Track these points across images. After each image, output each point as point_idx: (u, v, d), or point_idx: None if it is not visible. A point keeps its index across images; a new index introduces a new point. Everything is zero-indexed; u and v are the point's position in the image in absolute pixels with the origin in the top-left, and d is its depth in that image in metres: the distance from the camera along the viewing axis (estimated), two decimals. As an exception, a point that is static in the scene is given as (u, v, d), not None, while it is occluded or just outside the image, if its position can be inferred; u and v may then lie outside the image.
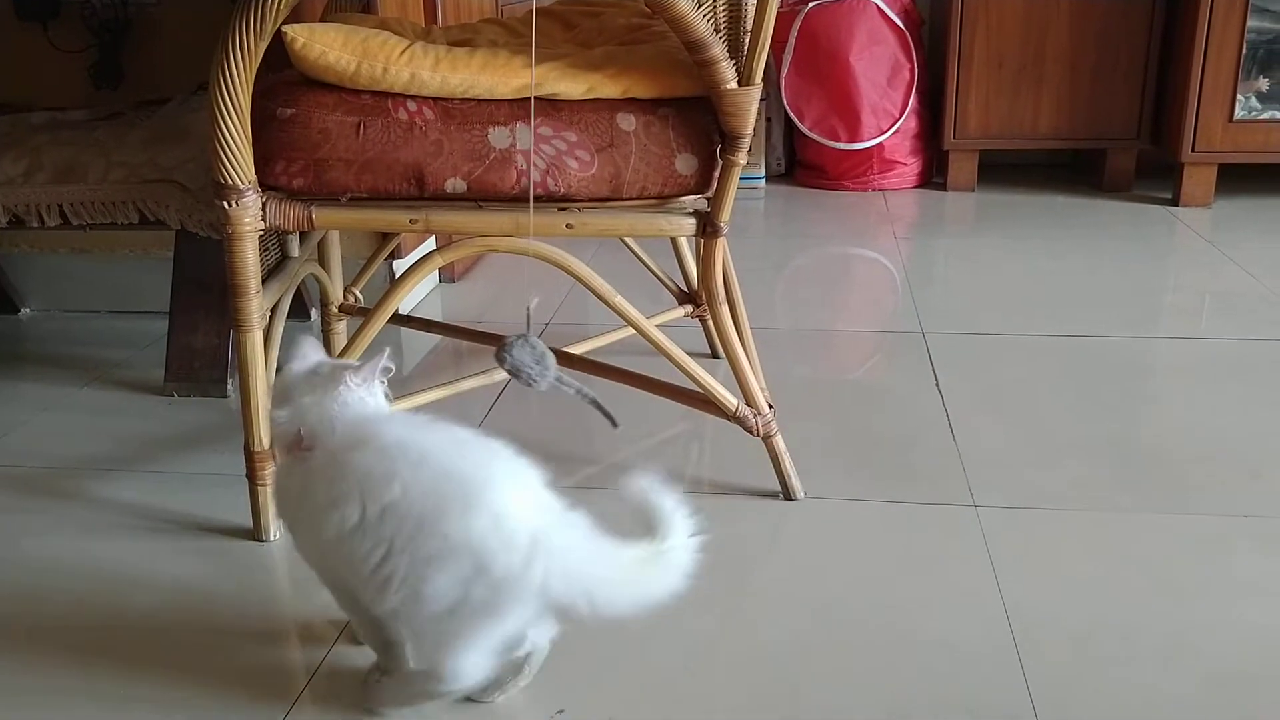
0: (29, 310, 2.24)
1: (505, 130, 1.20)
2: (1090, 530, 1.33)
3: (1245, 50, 2.66)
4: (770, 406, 1.39)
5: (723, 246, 1.32)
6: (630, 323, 1.33)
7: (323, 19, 1.55)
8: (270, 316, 1.42)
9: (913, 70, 2.99)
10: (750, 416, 1.37)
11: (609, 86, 1.21)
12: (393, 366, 1.04)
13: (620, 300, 1.31)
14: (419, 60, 1.19)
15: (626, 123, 1.22)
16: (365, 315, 1.32)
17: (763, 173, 3.15)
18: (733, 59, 1.20)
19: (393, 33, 1.26)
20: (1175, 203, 2.85)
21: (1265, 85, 2.70)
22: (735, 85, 1.20)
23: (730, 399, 1.37)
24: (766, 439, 1.39)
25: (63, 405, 1.77)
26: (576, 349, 1.58)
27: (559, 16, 1.56)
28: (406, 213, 1.24)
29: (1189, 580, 1.23)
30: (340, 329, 1.79)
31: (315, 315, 2.08)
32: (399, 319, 1.76)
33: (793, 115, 3.06)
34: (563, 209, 1.24)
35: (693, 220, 1.27)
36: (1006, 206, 2.90)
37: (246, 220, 1.21)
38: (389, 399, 1.06)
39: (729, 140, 1.23)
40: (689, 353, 1.36)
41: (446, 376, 1.61)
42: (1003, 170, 3.17)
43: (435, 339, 2.00)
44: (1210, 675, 1.07)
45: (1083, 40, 2.88)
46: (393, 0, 2.01)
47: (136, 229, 1.75)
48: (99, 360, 1.96)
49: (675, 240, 1.78)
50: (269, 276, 1.45)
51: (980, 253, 2.50)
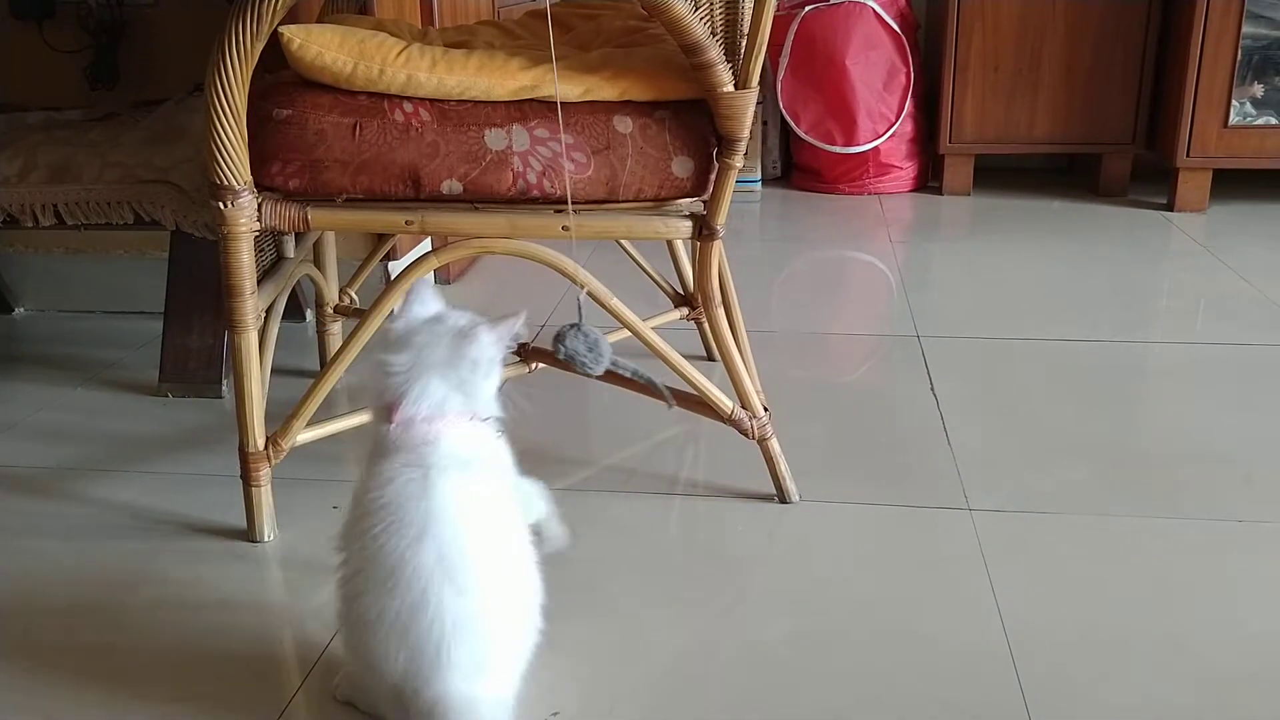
0: (23, 310, 2.23)
1: (501, 132, 1.20)
2: (1084, 534, 1.33)
3: (1240, 56, 2.67)
4: (765, 409, 1.39)
5: (719, 249, 1.32)
6: (626, 325, 1.33)
7: (319, 20, 1.55)
8: (265, 317, 1.42)
9: (909, 74, 2.99)
10: (745, 419, 1.38)
11: (606, 89, 1.22)
12: (524, 332, 0.99)
13: (616, 302, 1.31)
14: (415, 62, 1.19)
15: (623, 125, 1.22)
16: (360, 317, 1.31)
17: (759, 176, 3.15)
18: (729, 62, 1.20)
19: (389, 34, 1.26)
20: (1170, 208, 2.85)
21: (1260, 91, 2.71)
22: (732, 88, 1.20)
23: (726, 401, 1.37)
24: (762, 442, 1.39)
25: (57, 405, 1.77)
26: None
27: (556, 18, 1.56)
28: (402, 214, 1.24)
29: (1182, 584, 1.23)
30: (335, 330, 1.79)
31: (310, 316, 2.08)
32: (394, 320, 1.75)
33: (789, 119, 3.07)
34: (559, 211, 1.24)
35: (689, 223, 1.27)
36: (1002, 211, 2.91)
37: (242, 221, 1.21)
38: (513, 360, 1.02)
39: (725, 143, 1.23)
40: (685, 355, 1.36)
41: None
42: (998, 174, 3.18)
43: (431, 341, 2.00)
44: (1204, 679, 1.07)
45: (1079, 45, 2.88)
46: (389, 1, 2.01)
47: (132, 229, 1.75)
48: (93, 360, 1.95)
49: (671, 243, 1.78)
50: (264, 277, 1.45)
51: (975, 257, 2.50)
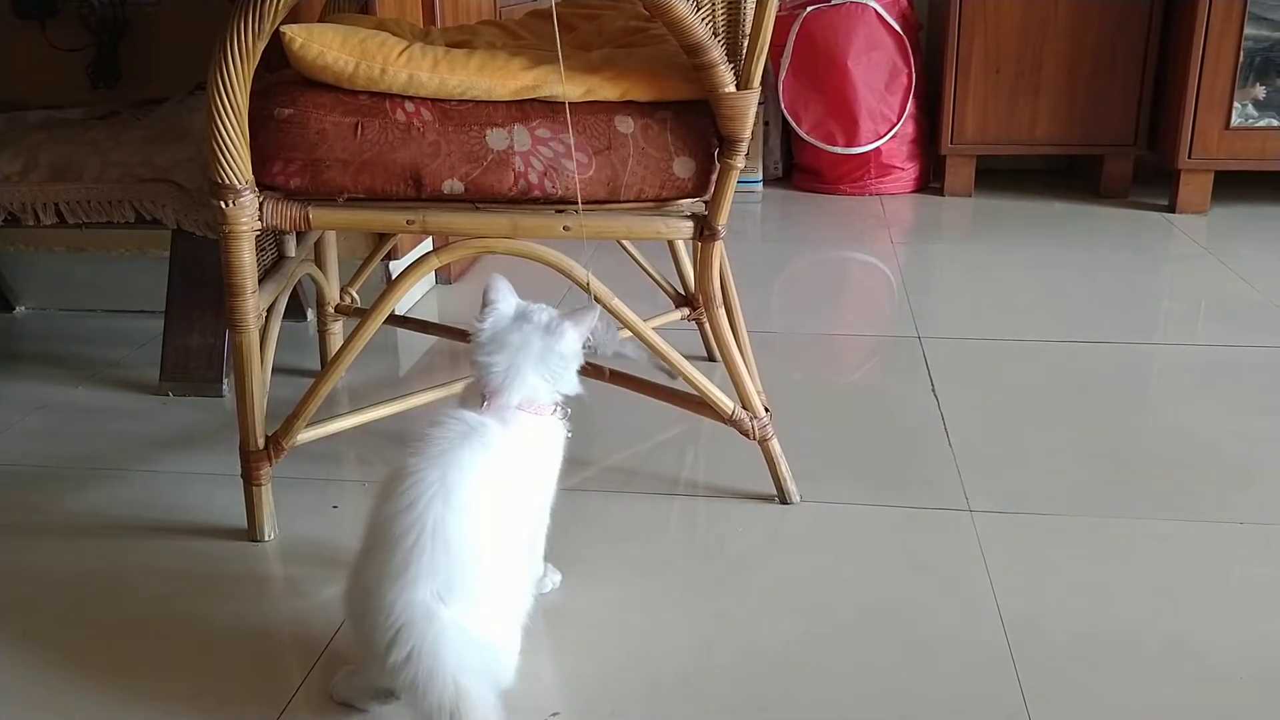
0: (24, 308, 2.24)
1: (503, 132, 1.20)
2: (1085, 535, 1.33)
3: (1242, 58, 2.67)
4: (766, 410, 1.39)
5: (720, 250, 1.32)
6: (627, 325, 1.33)
7: (321, 19, 1.55)
8: (266, 317, 1.42)
9: (910, 75, 2.99)
10: (746, 420, 1.37)
11: (607, 89, 1.21)
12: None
13: (617, 303, 1.30)
14: (417, 61, 1.19)
15: (625, 125, 1.22)
16: (361, 316, 1.31)
17: (760, 176, 3.16)
18: (731, 62, 1.20)
19: (391, 34, 1.26)
20: (1172, 209, 2.85)
21: (1262, 93, 2.71)
22: (733, 89, 1.20)
23: (726, 402, 1.37)
24: (762, 442, 1.39)
25: (57, 404, 1.77)
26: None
27: (558, 19, 1.56)
28: (404, 214, 1.24)
29: (1183, 586, 1.23)
30: (336, 329, 1.79)
31: (311, 315, 2.08)
32: (395, 320, 1.76)
33: (790, 119, 3.07)
34: (560, 211, 1.24)
35: (690, 223, 1.27)
36: (1003, 212, 2.90)
37: (243, 220, 1.21)
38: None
39: (727, 144, 1.23)
40: (685, 356, 1.36)
41: (442, 378, 1.61)
42: (1000, 176, 3.17)
43: (431, 340, 2.00)
44: (1205, 681, 1.07)
45: (1080, 46, 2.88)
46: (391, 1, 2.01)
47: (133, 228, 1.75)
48: (94, 359, 1.95)
49: (672, 243, 1.78)
50: (265, 277, 1.45)
51: (977, 258, 2.50)
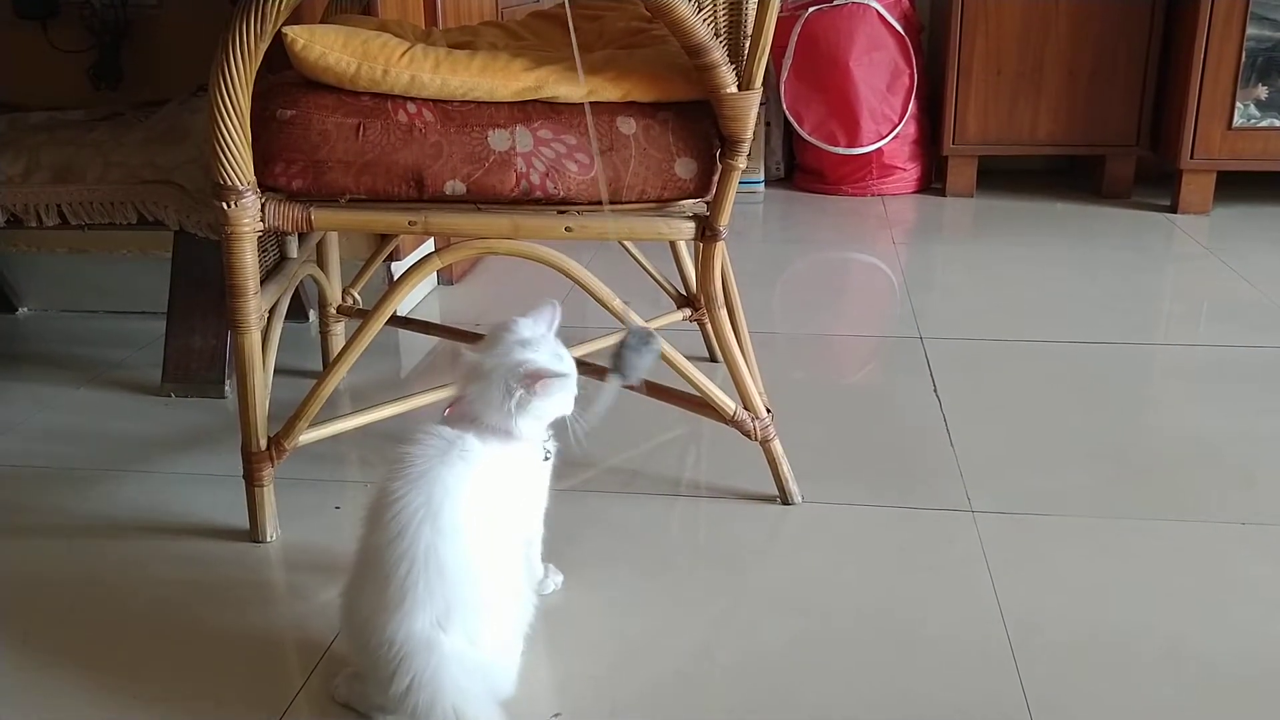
0: (27, 310, 2.24)
1: (505, 133, 1.20)
2: (1087, 536, 1.33)
3: (1244, 58, 2.67)
4: (768, 411, 1.39)
5: (721, 250, 1.32)
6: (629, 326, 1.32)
7: (323, 20, 1.55)
8: (268, 318, 1.42)
9: (912, 76, 2.99)
10: (748, 420, 1.37)
11: (609, 90, 1.21)
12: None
13: (619, 304, 1.31)
14: (419, 62, 1.19)
15: (626, 126, 1.22)
16: (363, 317, 1.31)
17: (762, 177, 3.15)
18: (733, 63, 1.20)
19: (393, 35, 1.26)
20: (1174, 210, 2.85)
21: (1264, 93, 2.71)
22: (735, 90, 1.20)
23: (728, 403, 1.37)
24: (764, 443, 1.39)
25: (60, 405, 1.77)
26: (575, 352, 1.58)
27: (559, 19, 1.56)
28: (405, 215, 1.24)
29: (1185, 586, 1.23)
30: (338, 330, 1.79)
31: (313, 316, 2.08)
32: (397, 321, 1.76)
33: (792, 120, 3.07)
34: (562, 212, 1.24)
35: (692, 224, 1.27)
36: (1005, 212, 2.90)
37: (245, 221, 1.21)
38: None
39: (728, 144, 1.23)
40: (687, 356, 1.36)
41: (444, 379, 1.61)
42: (1002, 176, 3.17)
43: (433, 341, 2.00)
44: (1207, 681, 1.07)
45: (1082, 46, 2.88)
46: (393, 2, 2.01)
47: (135, 229, 1.75)
48: (96, 360, 1.95)
49: (674, 244, 1.78)
50: (267, 278, 1.45)
51: (979, 258, 2.50)
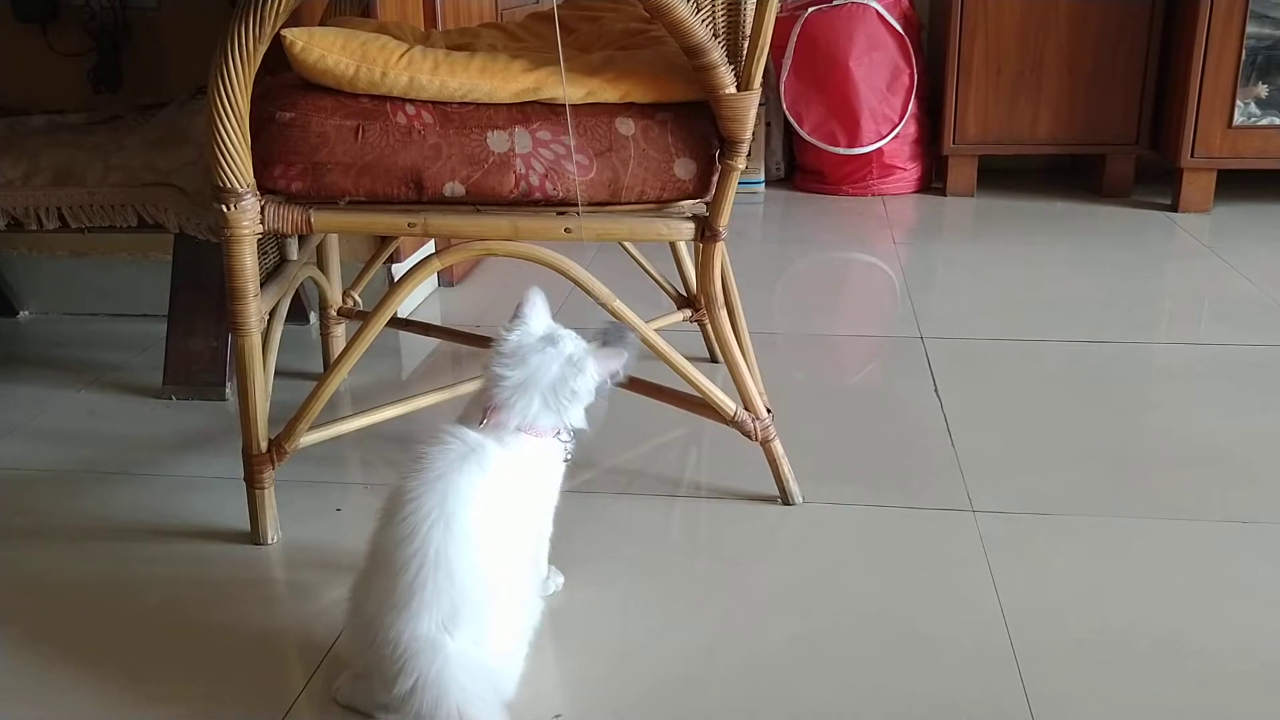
0: (27, 313, 2.24)
1: (504, 134, 1.20)
2: (1088, 535, 1.33)
3: (1244, 56, 2.67)
4: (769, 411, 1.39)
5: (721, 251, 1.32)
6: (629, 327, 1.32)
7: (322, 23, 1.55)
8: (269, 320, 1.42)
9: (912, 75, 2.99)
10: (748, 421, 1.37)
11: (608, 91, 1.22)
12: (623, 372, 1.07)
13: (619, 304, 1.31)
14: (418, 64, 1.19)
15: (625, 127, 1.22)
16: (364, 319, 1.32)
17: (762, 177, 3.15)
18: (731, 64, 1.20)
19: (392, 37, 1.26)
20: (1174, 208, 2.85)
21: (1264, 91, 2.71)
22: (734, 90, 1.20)
23: (729, 403, 1.37)
24: (765, 443, 1.39)
25: (61, 408, 1.77)
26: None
27: (559, 21, 1.56)
28: (405, 216, 1.24)
29: (1186, 585, 1.23)
30: (339, 332, 1.79)
31: (314, 318, 2.08)
32: (397, 322, 1.76)
33: (792, 120, 3.07)
34: (561, 213, 1.25)
35: (691, 225, 1.27)
36: (1006, 212, 2.90)
37: (245, 223, 1.21)
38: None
39: (728, 145, 1.23)
40: (687, 357, 1.36)
41: (445, 380, 1.61)
42: (1002, 175, 3.17)
43: (434, 343, 2.00)
44: (1207, 680, 1.07)
45: (1082, 46, 2.88)
46: (392, 4, 2.01)
47: (135, 232, 1.75)
48: (97, 363, 1.95)
49: (674, 244, 1.78)
50: (267, 280, 1.45)
51: (979, 258, 2.50)
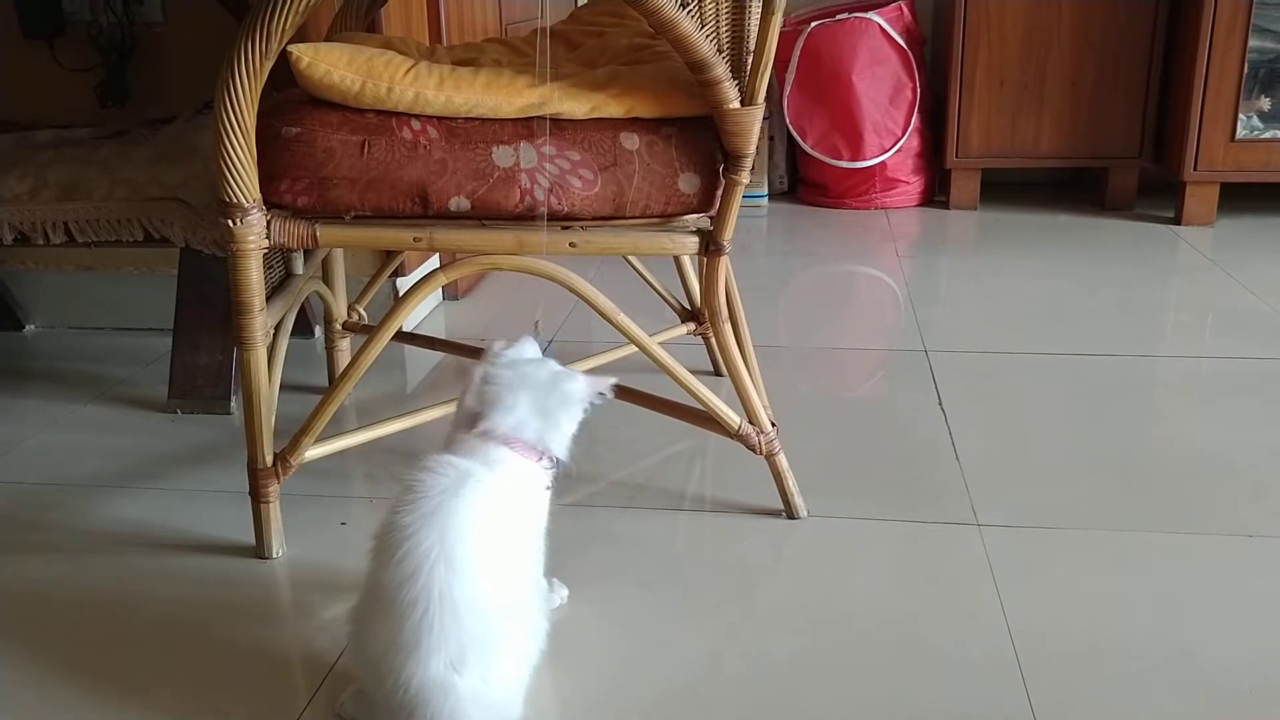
0: (34, 327, 2.24)
1: (509, 149, 1.21)
2: (1093, 549, 1.33)
3: (1247, 70, 2.67)
4: (773, 424, 1.39)
5: (725, 264, 1.32)
6: (633, 340, 1.33)
7: (328, 38, 1.56)
8: (274, 334, 1.42)
9: (915, 89, 3.00)
10: (753, 434, 1.37)
11: (612, 106, 1.22)
12: (608, 395, 1.08)
13: (623, 318, 1.31)
14: (423, 80, 1.20)
15: (630, 142, 1.22)
16: (369, 333, 1.32)
17: (765, 191, 3.16)
18: (735, 79, 1.20)
19: (397, 52, 1.27)
20: (1177, 221, 2.85)
21: (1267, 105, 2.71)
22: (738, 105, 1.21)
23: (733, 417, 1.37)
24: (769, 457, 1.39)
25: (66, 422, 1.78)
26: (579, 366, 1.58)
27: (562, 36, 1.57)
28: (410, 231, 1.24)
29: (1192, 598, 1.22)
30: (344, 346, 1.79)
31: (319, 332, 2.09)
32: (402, 336, 1.76)
33: (795, 134, 3.07)
34: (566, 227, 1.25)
35: (695, 239, 1.28)
36: (1009, 225, 2.91)
37: (251, 238, 1.22)
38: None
39: (732, 159, 1.24)
40: (692, 370, 1.36)
41: (450, 394, 1.61)
42: (1005, 189, 3.18)
43: (438, 356, 2.00)
44: (1213, 694, 1.07)
45: (1084, 58, 2.89)
46: (398, 20, 2.02)
47: (141, 246, 1.76)
48: (103, 377, 1.96)
49: (678, 258, 1.78)
50: (273, 294, 1.45)
51: (983, 271, 2.50)
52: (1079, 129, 2.94)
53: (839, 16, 2.97)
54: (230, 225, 1.21)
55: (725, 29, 1.19)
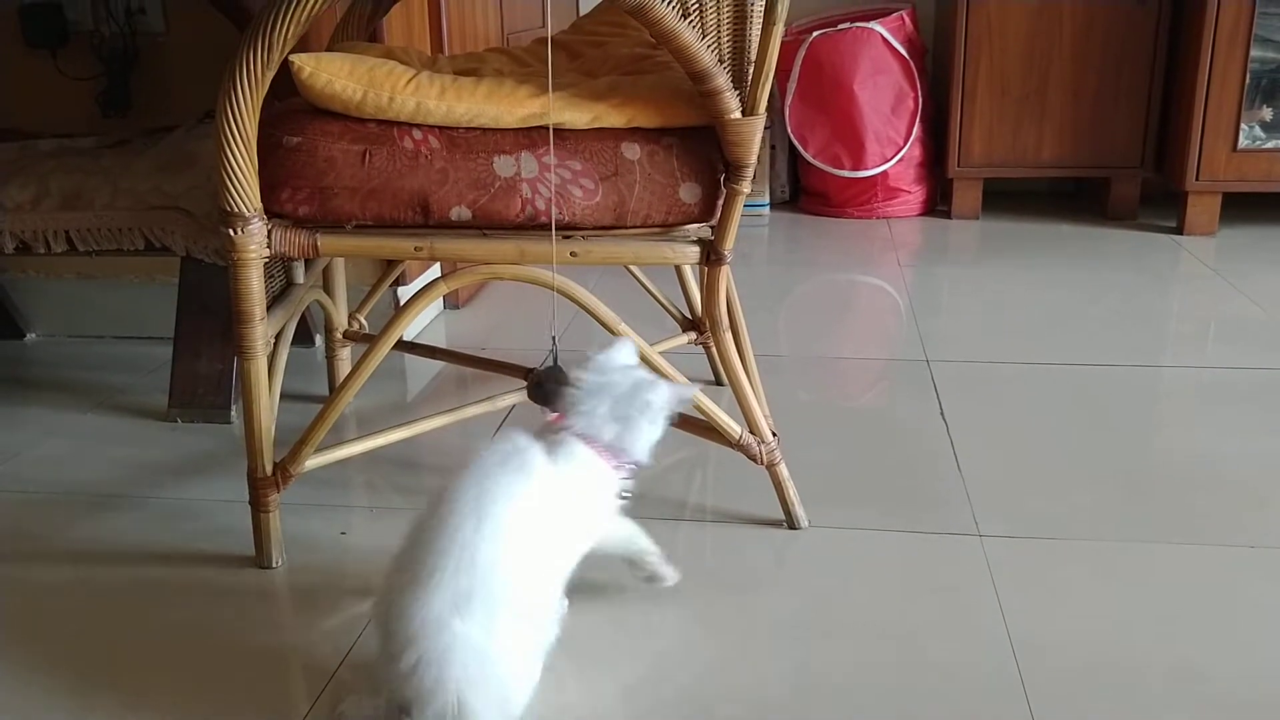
0: (35, 335, 2.25)
1: (510, 159, 1.21)
2: (1095, 559, 1.33)
3: (1249, 80, 2.67)
4: (774, 434, 1.39)
5: (726, 274, 1.32)
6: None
7: (329, 48, 1.56)
8: (275, 343, 1.42)
9: (916, 99, 3.00)
10: (754, 444, 1.37)
11: (614, 116, 1.22)
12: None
13: (624, 328, 1.31)
14: (425, 89, 1.20)
15: (631, 152, 1.22)
16: (370, 342, 1.32)
17: (767, 200, 3.16)
18: (736, 89, 1.20)
19: (399, 62, 1.27)
20: (1180, 231, 2.85)
21: (1269, 114, 2.71)
22: (739, 115, 1.21)
23: (734, 426, 1.37)
24: (770, 467, 1.39)
25: (67, 430, 1.78)
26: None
27: (564, 46, 1.57)
28: (411, 240, 1.24)
29: (1194, 610, 1.22)
30: (345, 355, 1.79)
31: (320, 341, 2.09)
32: (403, 345, 1.76)
33: (797, 143, 3.08)
34: (567, 237, 1.25)
35: (696, 248, 1.28)
36: (1011, 234, 2.91)
37: (252, 247, 1.22)
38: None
39: (733, 169, 1.24)
40: (693, 380, 1.36)
41: (450, 403, 1.61)
42: (1007, 198, 3.18)
43: (439, 366, 2.00)
44: (1216, 705, 1.06)
45: (1086, 68, 2.89)
46: (399, 29, 2.02)
47: (142, 255, 1.76)
48: (104, 385, 1.96)
49: (679, 267, 1.78)
50: (274, 303, 1.45)
51: (985, 281, 2.50)
52: (1081, 138, 2.95)
53: (841, 26, 2.98)
54: (231, 234, 1.21)
55: (726, 39, 1.19)
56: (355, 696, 1.05)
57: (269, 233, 1.23)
